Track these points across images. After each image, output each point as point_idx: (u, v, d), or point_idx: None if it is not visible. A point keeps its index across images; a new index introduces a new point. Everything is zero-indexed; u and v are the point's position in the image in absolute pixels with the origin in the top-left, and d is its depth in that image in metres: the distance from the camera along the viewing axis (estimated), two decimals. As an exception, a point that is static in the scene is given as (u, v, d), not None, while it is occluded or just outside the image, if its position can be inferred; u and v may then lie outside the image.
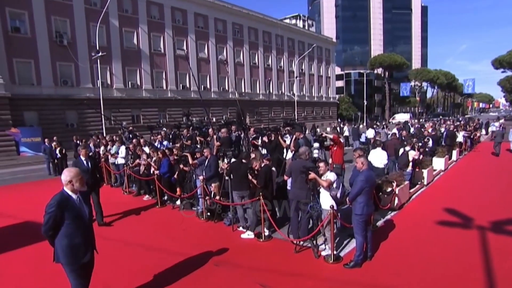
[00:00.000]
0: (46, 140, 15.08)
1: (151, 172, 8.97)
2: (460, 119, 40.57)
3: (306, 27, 60.33)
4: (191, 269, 5.17)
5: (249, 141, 9.70)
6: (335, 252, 5.42)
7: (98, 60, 22.43)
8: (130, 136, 12.29)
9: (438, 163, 11.86)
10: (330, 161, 7.72)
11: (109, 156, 11.36)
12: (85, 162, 7.21)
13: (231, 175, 6.84)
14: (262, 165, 6.62)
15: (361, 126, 30.38)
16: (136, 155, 9.94)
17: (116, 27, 28.10)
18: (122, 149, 10.92)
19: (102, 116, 22.38)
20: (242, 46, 40.28)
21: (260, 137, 10.07)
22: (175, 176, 8.63)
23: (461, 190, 9.90)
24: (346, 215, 6.09)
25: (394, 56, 65.41)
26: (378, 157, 7.89)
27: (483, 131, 25.91)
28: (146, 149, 10.07)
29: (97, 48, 22.56)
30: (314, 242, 5.72)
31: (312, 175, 5.72)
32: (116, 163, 11.18)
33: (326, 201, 5.62)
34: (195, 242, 6.30)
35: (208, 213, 7.64)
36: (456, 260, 5.28)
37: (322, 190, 5.74)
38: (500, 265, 5.04)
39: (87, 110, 24.81)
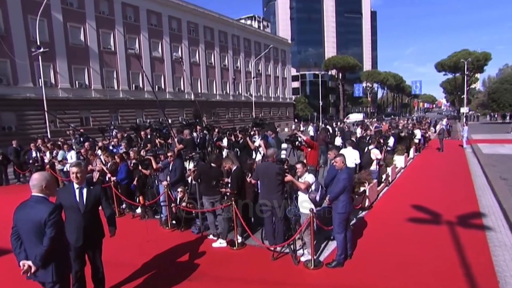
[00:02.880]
0: (-22, 146, 13.27)
1: (107, 178, 8.09)
2: (414, 118, 43.22)
3: (262, 28, 60.61)
4: (161, 285, 4.61)
5: (214, 143, 9.17)
6: (314, 257, 5.16)
7: (40, 57, 20.31)
8: (81, 139, 11.13)
9: (399, 160, 12.23)
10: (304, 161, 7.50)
11: (56, 163, 10.17)
12: (77, 192, 3.85)
13: (199, 180, 6.31)
14: (234, 168, 6.19)
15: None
16: (89, 161, 8.96)
17: (60, 21, 25.79)
18: (72, 154, 9.81)
19: (46, 116, 20.29)
20: (198, 45, 39.32)
21: (226, 138, 9.58)
22: (135, 182, 7.88)
23: (423, 186, 10.26)
24: (322, 217, 5.88)
25: (347, 58, 67.98)
26: (350, 157, 7.80)
27: (432, 129, 27.71)
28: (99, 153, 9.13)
29: (38, 43, 20.45)
30: (292, 247, 5.41)
31: (288, 177, 5.43)
32: (65, 169, 10.03)
33: (304, 204, 5.35)
34: (162, 255, 5.71)
35: (174, 221, 7.05)
36: (433, 257, 5.28)
37: (300, 193, 5.46)
38: (476, 259, 5.11)
39: (28, 111, 22.46)
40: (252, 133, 10.34)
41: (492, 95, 43.49)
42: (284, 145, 7.88)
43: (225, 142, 9.78)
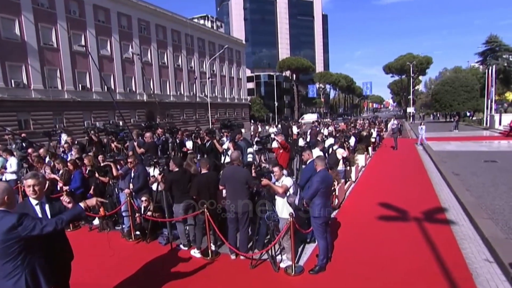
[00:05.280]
0: None
1: (58, 188, 7.22)
2: (370, 117, 45.17)
3: (215, 28, 59.84)
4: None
5: (178, 146, 8.62)
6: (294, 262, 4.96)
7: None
8: (23, 144, 9.87)
9: (360, 159, 12.58)
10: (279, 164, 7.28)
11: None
12: (37, 208, 3.15)
13: (171, 188, 5.82)
14: (203, 172, 5.78)
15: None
16: (36, 169, 7.93)
17: (-12, 12, 23.16)
18: (12, 162, 8.63)
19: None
20: (150, 44, 37.76)
21: (191, 140, 9.07)
22: (91, 191, 7.11)
23: (385, 183, 10.58)
24: (297, 220, 5.71)
25: (301, 60, 69.60)
26: (317, 157, 7.74)
27: (384, 128, 29.20)
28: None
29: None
30: (271, 253, 5.16)
31: (265, 181, 5.17)
32: (3, 179, 8.79)
33: (282, 209, 5.13)
34: (129, 269, 5.15)
35: (138, 232, 6.45)
36: (407, 254, 5.36)
37: (277, 197, 5.23)
38: (447, 254, 5.25)
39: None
40: (220, 135, 9.94)
41: (434, 96, 46.90)
42: (250, 149, 7.63)
43: (189, 144, 9.31)
